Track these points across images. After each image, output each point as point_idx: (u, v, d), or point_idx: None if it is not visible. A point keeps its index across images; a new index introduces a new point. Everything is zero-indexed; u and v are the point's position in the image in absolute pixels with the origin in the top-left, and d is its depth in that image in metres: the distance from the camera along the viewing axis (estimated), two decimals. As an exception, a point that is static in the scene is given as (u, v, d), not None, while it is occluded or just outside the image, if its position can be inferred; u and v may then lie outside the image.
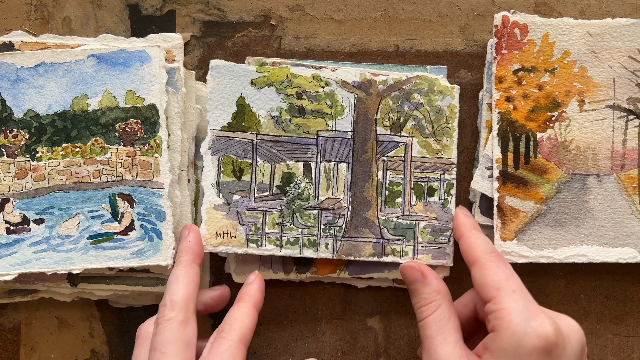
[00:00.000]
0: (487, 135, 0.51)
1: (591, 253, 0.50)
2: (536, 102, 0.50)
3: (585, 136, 0.51)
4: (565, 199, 0.51)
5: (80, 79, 0.49)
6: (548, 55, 0.50)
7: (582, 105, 0.50)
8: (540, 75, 0.50)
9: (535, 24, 0.50)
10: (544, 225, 0.51)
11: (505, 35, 0.50)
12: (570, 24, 0.50)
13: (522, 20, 0.50)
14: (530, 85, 0.50)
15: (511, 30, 0.50)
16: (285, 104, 0.52)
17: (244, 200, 0.52)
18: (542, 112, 0.50)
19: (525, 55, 0.50)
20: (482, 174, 0.51)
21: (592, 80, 0.50)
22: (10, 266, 0.48)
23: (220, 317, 0.54)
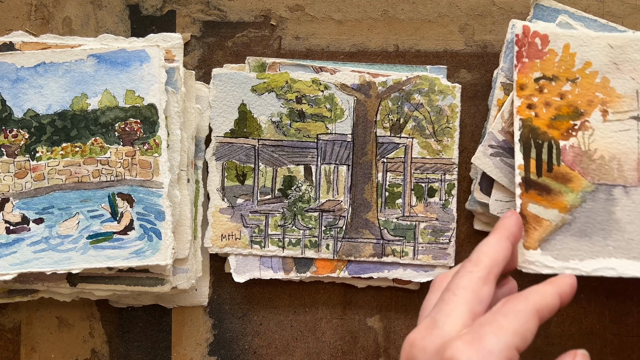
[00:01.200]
0: (496, 113, 0.51)
1: (620, 267, 0.48)
2: (558, 110, 0.50)
3: (609, 146, 0.50)
4: (590, 209, 0.49)
5: (80, 79, 0.49)
6: (569, 65, 0.50)
7: (606, 115, 0.50)
8: (561, 84, 0.50)
9: (556, 34, 0.50)
10: (569, 236, 0.49)
11: (526, 44, 0.50)
12: (592, 35, 0.50)
13: (542, 31, 0.50)
14: (552, 94, 0.50)
15: (532, 39, 0.50)
16: (286, 108, 0.52)
17: (248, 204, 0.53)
18: (564, 121, 0.50)
19: (546, 64, 0.50)
20: (484, 150, 0.50)
21: (615, 91, 0.50)
22: (10, 266, 0.48)
23: (222, 316, 0.54)
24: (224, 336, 0.54)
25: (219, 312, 0.54)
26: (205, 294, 0.53)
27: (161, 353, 0.54)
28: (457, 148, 0.52)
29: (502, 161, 0.50)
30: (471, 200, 0.52)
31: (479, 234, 0.54)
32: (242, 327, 0.54)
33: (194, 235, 0.51)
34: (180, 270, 0.50)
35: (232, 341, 0.54)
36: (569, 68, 0.50)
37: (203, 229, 0.52)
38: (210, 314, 0.54)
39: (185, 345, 0.54)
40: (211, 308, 0.54)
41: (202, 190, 0.53)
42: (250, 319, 0.54)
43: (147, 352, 0.54)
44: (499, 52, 0.53)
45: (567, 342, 0.54)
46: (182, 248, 0.50)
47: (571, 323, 0.54)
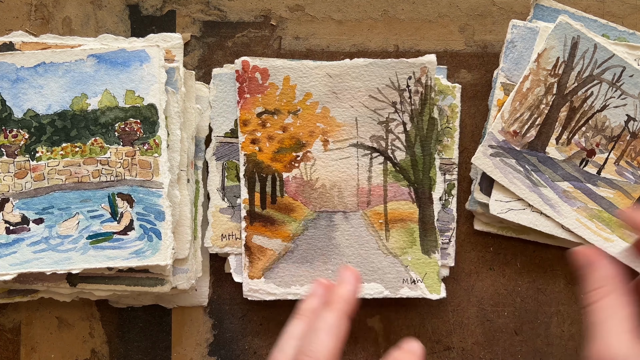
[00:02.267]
0: (495, 113, 0.51)
1: None
2: (281, 144, 0.52)
3: (330, 174, 0.52)
4: (312, 236, 0.52)
5: (79, 79, 0.49)
6: (290, 98, 0.51)
7: (327, 144, 0.52)
8: (284, 117, 0.52)
9: (275, 67, 0.51)
10: (291, 263, 0.52)
11: (247, 80, 0.51)
12: (310, 66, 0.51)
13: (262, 65, 0.51)
14: (275, 127, 0.52)
15: (252, 74, 0.51)
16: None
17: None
18: (287, 153, 0.52)
19: (268, 98, 0.51)
20: (484, 150, 0.50)
21: (335, 120, 0.52)
22: (10, 266, 0.48)
23: (222, 316, 0.54)
24: (224, 336, 0.54)
25: (219, 312, 0.54)
26: (205, 294, 0.53)
27: (161, 353, 0.54)
28: (457, 148, 0.52)
29: (502, 161, 0.50)
30: (471, 200, 0.52)
31: (479, 234, 0.54)
32: (242, 327, 0.54)
33: (194, 235, 0.51)
34: (180, 271, 0.50)
35: (232, 341, 0.54)
36: (290, 100, 0.51)
37: (203, 229, 0.52)
38: (210, 314, 0.54)
39: (185, 346, 0.54)
40: (211, 308, 0.54)
41: (202, 190, 0.53)
42: (250, 319, 0.54)
43: (147, 352, 0.54)
44: (499, 52, 0.53)
45: (567, 342, 0.54)
46: (182, 248, 0.50)
47: (571, 323, 0.54)
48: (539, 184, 0.50)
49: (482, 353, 0.54)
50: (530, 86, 0.50)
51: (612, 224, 0.50)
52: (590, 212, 0.50)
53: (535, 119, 0.50)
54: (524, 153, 0.50)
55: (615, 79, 0.50)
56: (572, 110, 0.50)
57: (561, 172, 0.51)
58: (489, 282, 0.54)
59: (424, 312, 0.54)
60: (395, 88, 0.51)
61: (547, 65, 0.50)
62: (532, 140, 0.51)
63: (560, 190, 0.50)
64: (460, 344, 0.54)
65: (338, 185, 0.52)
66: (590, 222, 0.50)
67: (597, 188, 0.51)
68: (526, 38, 0.51)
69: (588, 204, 0.51)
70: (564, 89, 0.50)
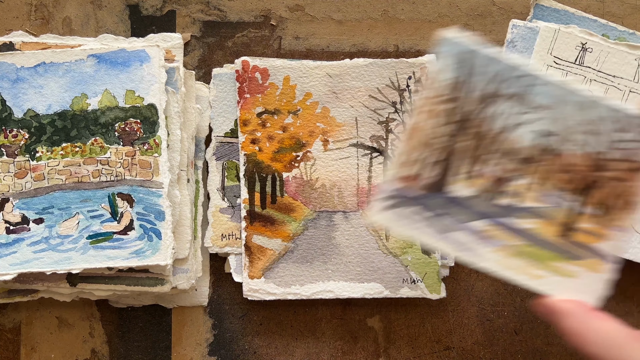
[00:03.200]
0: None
1: (338, 289, 0.52)
2: (281, 143, 0.52)
3: (330, 174, 0.52)
4: (312, 236, 0.52)
5: (80, 79, 0.49)
6: (290, 98, 0.52)
7: (327, 144, 0.52)
8: (283, 117, 0.52)
9: (275, 67, 0.51)
10: (291, 262, 0.52)
11: (247, 80, 0.51)
12: (310, 65, 0.51)
13: (262, 65, 0.51)
14: (275, 127, 0.52)
15: (252, 74, 0.51)
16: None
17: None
18: (287, 153, 0.52)
19: (268, 98, 0.52)
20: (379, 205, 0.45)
21: (335, 120, 0.52)
22: (10, 266, 0.48)
23: (222, 316, 0.54)
24: (224, 336, 0.54)
25: (219, 312, 0.54)
26: (205, 294, 0.53)
27: (161, 353, 0.54)
28: None
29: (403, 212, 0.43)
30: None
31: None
32: (242, 327, 0.54)
33: (194, 235, 0.51)
34: (180, 270, 0.50)
35: (232, 341, 0.54)
36: (290, 100, 0.52)
37: (203, 229, 0.52)
38: (210, 314, 0.54)
39: (185, 345, 0.54)
40: (211, 308, 0.54)
41: (202, 190, 0.53)
42: (250, 319, 0.54)
43: (147, 352, 0.54)
44: (499, 52, 0.53)
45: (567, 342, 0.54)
46: (182, 248, 0.50)
47: (571, 323, 0.54)
48: (449, 229, 0.43)
49: (482, 353, 0.54)
50: (422, 120, 0.42)
51: (540, 258, 0.43)
52: (513, 250, 0.43)
53: (435, 155, 0.42)
54: (427, 198, 0.43)
55: (520, 93, 0.42)
56: (477, 138, 0.42)
57: (473, 211, 0.43)
58: (489, 282, 0.54)
59: (424, 312, 0.54)
60: (395, 88, 0.51)
61: (440, 91, 0.41)
62: (435, 180, 0.42)
63: (475, 231, 0.43)
64: (460, 344, 0.54)
65: (338, 185, 0.52)
66: (514, 260, 0.43)
67: (517, 221, 0.43)
68: (526, 38, 0.51)
69: (510, 241, 0.43)
70: (466, 115, 0.42)
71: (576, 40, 0.51)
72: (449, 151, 0.42)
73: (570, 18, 0.52)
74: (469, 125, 0.42)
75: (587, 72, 0.51)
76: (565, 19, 0.52)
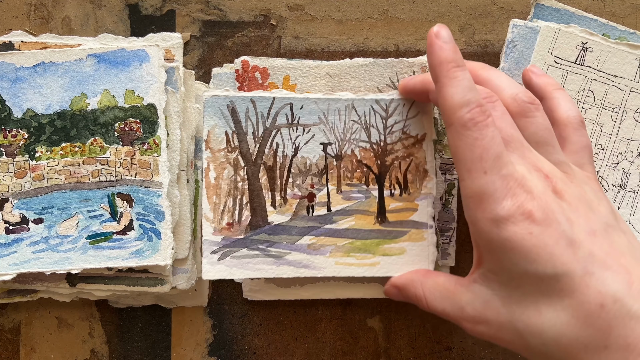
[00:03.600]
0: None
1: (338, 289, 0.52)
2: None
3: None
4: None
5: (79, 79, 0.49)
6: None
7: None
8: None
9: (275, 67, 0.51)
10: None
11: (246, 80, 0.51)
12: (310, 65, 0.51)
13: (262, 64, 0.51)
14: None
15: (252, 74, 0.51)
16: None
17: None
18: None
19: None
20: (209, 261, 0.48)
21: None
22: (9, 266, 0.48)
23: (222, 316, 0.54)
24: (223, 336, 0.54)
25: (219, 312, 0.54)
26: (205, 294, 0.53)
27: (161, 353, 0.54)
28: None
29: (234, 258, 0.48)
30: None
31: (479, 234, 0.54)
32: (242, 327, 0.54)
33: (193, 235, 0.51)
34: (179, 271, 0.50)
35: (232, 341, 0.54)
36: None
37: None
38: (210, 314, 0.54)
39: (185, 346, 0.54)
40: (211, 308, 0.54)
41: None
42: (250, 319, 0.54)
43: (146, 352, 0.54)
44: (499, 51, 0.53)
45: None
46: (182, 248, 0.50)
47: (571, 323, 0.54)
48: (282, 255, 0.48)
49: (482, 353, 0.54)
50: (216, 175, 0.48)
51: (369, 247, 0.48)
52: (344, 250, 0.48)
53: (241, 199, 0.48)
54: (250, 237, 0.48)
55: (290, 119, 0.48)
56: (270, 170, 0.48)
57: (296, 231, 0.48)
58: (489, 282, 0.54)
59: (424, 312, 0.54)
60: (396, 87, 0.51)
61: (220, 146, 0.48)
62: (250, 220, 0.48)
63: (304, 247, 0.48)
64: (460, 344, 0.54)
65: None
66: (349, 258, 0.48)
67: (336, 224, 0.48)
68: (527, 37, 0.51)
69: (337, 243, 0.48)
70: (250, 157, 0.48)
71: (577, 40, 0.51)
72: (251, 192, 0.48)
73: (570, 17, 0.52)
74: (258, 164, 0.48)
75: (588, 71, 0.51)
76: (565, 18, 0.52)
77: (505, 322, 0.40)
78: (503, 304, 0.40)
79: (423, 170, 0.49)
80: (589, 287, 0.37)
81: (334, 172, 0.49)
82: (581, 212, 0.39)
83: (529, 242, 0.37)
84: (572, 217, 0.39)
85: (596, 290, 0.36)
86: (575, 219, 0.39)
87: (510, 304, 0.39)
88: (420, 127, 0.49)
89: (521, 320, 0.39)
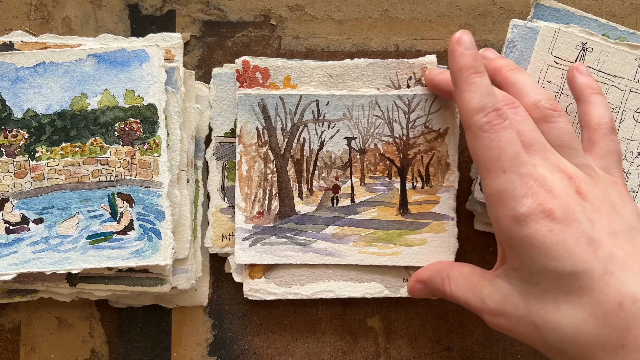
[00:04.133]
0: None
1: (338, 288, 0.52)
2: None
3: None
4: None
5: (79, 79, 0.49)
6: None
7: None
8: None
9: (276, 67, 0.51)
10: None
11: (247, 80, 0.51)
12: (310, 65, 0.51)
13: (262, 65, 0.51)
14: None
15: (252, 74, 0.51)
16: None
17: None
18: None
19: None
20: (241, 247, 0.51)
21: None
22: (10, 266, 0.48)
23: (222, 316, 0.54)
24: (223, 336, 0.54)
25: (219, 312, 0.54)
26: (205, 294, 0.53)
27: (161, 353, 0.54)
28: (456, 148, 0.52)
29: (264, 245, 0.51)
30: (471, 200, 0.52)
31: (479, 234, 0.54)
32: (242, 327, 0.54)
33: (193, 235, 0.51)
34: (180, 271, 0.50)
35: (232, 341, 0.54)
36: None
37: (203, 229, 0.52)
38: (210, 314, 0.54)
39: (185, 346, 0.54)
40: (211, 308, 0.54)
41: (202, 190, 0.53)
42: (250, 319, 0.54)
43: (146, 352, 0.54)
44: (499, 51, 0.53)
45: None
46: (182, 248, 0.50)
47: (571, 323, 0.54)
48: (308, 243, 0.51)
49: (482, 353, 0.54)
50: (248, 167, 0.51)
51: (391, 238, 0.51)
52: (366, 239, 0.51)
53: (270, 190, 0.51)
54: (278, 226, 0.51)
55: (316, 115, 0.51)
56: (298, 164, 0.51)
57: (321, 220, 0.51)
58: (489, 282, 0.54)
59: (424, 312, 0.54)
60: (396, 88, 0.51)
61: (252, 140, 0.51)
62: (279, 209, 0.51)
63: (329, 236, 0.51)
64: (460, 344, 0.54)
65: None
66: (371, 247, 0.51)
67: (359, 215, 0.51)
68: (527, 37, 0.51)
69: (360, 233, 0.51)
70: (279, 151, 0.51)
71: (577, 40, 0.51)
72: (280, 183, 0.51)
73: (570, 18, 0.52)
74: (286, 158, 0.51)
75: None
76: (565, 18, 0.52)
77: (523, 316, 0.40)
78: (522, 299, 0.40)
79: (445, 164, 0.51)
80: (609, 286, 0.37)
81: (357, 165, 0.51)
82: (604, 213, 0.40)
83: (549, 239, 0.38)
84: (594, 217, 0.39)
85: (615, 289, 0.37)
86: (597, 219, 0.39)
87: (530, 299, 0.40)
88: (442, 121, 0.50)
89: (539, 315, 0.39)
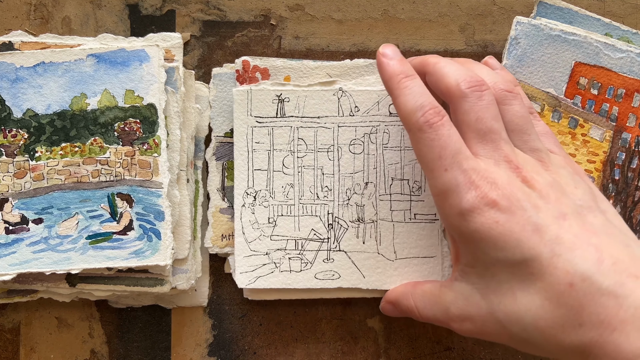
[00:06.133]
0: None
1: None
2: None
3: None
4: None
5: (79, 79, 0.49)
6: None
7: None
8: None
9: (276, 67, 0.51)
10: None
11: (247, 80, 0.51)
12: (310, 65, 0.51)
13: (262, 65, 0.51)
14: None
15: (252, 74, 0.51)
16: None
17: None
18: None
19: None
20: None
21: None
22: (9, 266, 0.48)
23: (222, 316, 0.54)
24: (223, 336, 0.54)
25: (219, 312, 0.54)
26: (205, 295, 0.53)
27: (161, 353, 0.54)
28: None
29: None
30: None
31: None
32: (242, 327, 0.54)
33: (193, 235, 0.51)
34: (179, 271, 0.50)
35: (232, 341, 0.54)
36: None
37: (203, 229, 0.52)
38: (210, 315, 0.54)
39: (185, 346, 0.54)
40: (211, 308, 0.54)
41: (202, 190, 0.53)
42: (250, 319, 0.54)
43: (146, 352, 0.54)
44: (499, 51, 0.53)
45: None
46: (182, 248, 0.50)
47: (572, 323, 0.54)
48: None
49: (482, 353, 0.54)
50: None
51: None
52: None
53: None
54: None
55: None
56: None
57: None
58: (489, 282, 0.54)
59: (424, 312, 0.54)
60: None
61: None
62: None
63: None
64: (460, 344, 0.54)
65: None
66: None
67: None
68: (530, 35, 0.51)
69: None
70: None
71: (270, 95, 0.51)
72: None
73: (573, 16, 0.52)
74: None
75: (292, 121, 0.51)
76: (568, 17, 0.52)
77: (486, 314, 0.41)
78: (482, 296, 0.41)
79: None
80: (557, 268, 0.37)
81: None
82: (551, 197, 0.40)
83: (495, 230, 0.38)
84: (539, 203, 0.39)
85: (564, 270, 0.37)
86: (543, 205, 0.39)
87: (488, 294, 0.40)
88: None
89: (500, 309, 0.40)
